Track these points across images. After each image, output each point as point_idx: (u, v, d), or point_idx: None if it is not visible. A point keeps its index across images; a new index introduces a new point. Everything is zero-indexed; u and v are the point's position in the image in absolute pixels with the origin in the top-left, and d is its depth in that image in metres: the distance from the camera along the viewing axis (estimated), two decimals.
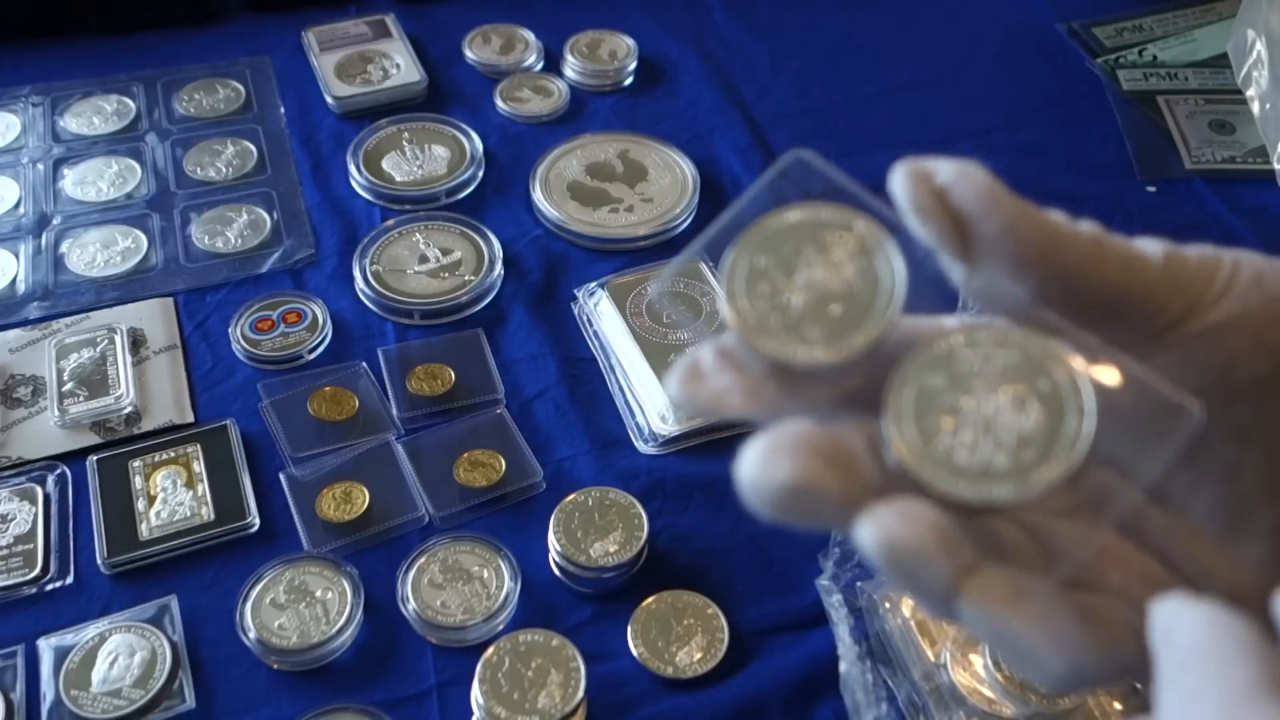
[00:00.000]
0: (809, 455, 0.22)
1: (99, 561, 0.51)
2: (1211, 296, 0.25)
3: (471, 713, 0.45)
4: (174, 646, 0.48)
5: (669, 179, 0.72)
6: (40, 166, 0.71)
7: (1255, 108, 0.79)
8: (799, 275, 0.25)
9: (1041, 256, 0.25)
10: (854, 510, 0.22)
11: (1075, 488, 0.23)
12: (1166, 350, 0.25)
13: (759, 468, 0.23)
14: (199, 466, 0.54)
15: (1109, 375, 0.24)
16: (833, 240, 0.26)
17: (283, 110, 0.77)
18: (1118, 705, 0.46)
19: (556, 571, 0.51)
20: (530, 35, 0.84)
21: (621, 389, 0.60)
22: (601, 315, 0.63)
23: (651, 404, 0.58)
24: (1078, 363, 0.23)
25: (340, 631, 0.48)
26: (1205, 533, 0.26)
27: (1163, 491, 0.26)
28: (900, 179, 0.26)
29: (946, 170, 0.26)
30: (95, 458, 0.54)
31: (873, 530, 0.22)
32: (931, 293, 0.26)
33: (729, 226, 0.26)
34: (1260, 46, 0.79)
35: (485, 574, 0.50)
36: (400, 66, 0.80)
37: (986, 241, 0.25)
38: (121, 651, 0.47)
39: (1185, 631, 0.21)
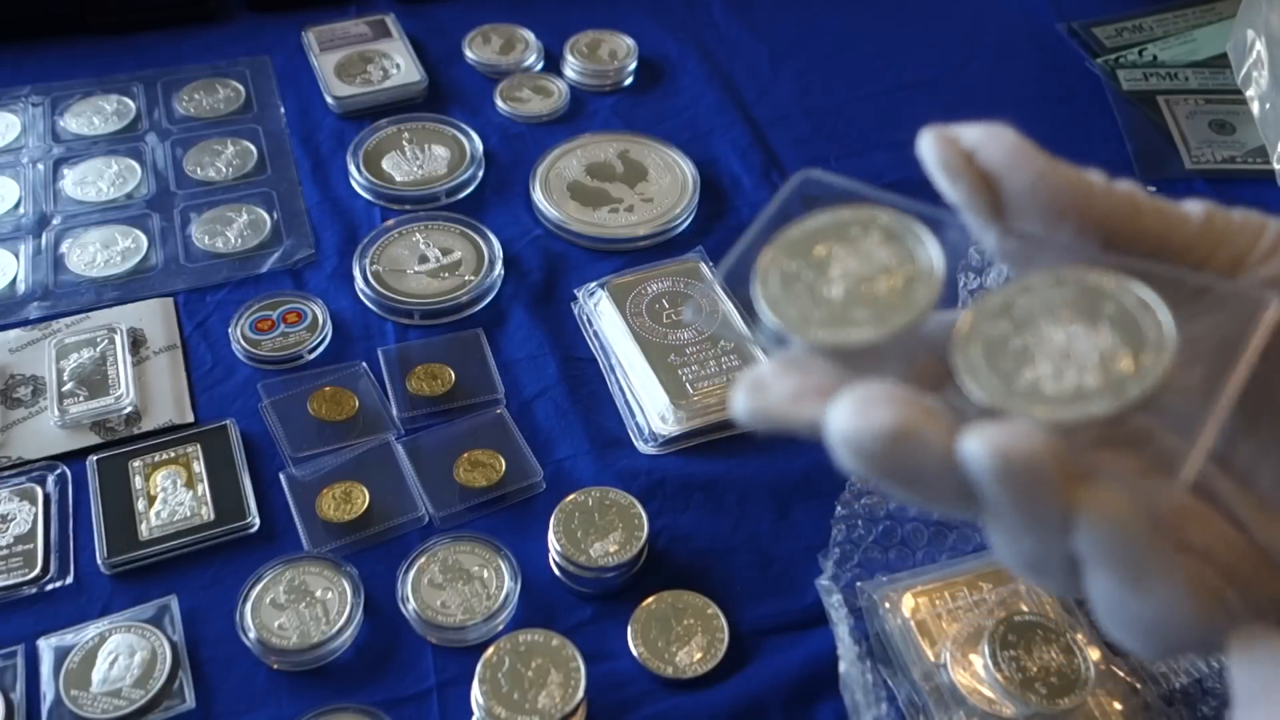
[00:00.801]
0: (905, 403, 0.22)
1: (99, 561, 0.51)
2: (1258, 255, 0.25)
3: (471, 713, 0.45)
4: (174, 646, 0.48)
5: (669, 179, 0.72)
6: (40, 166, 0.71)
7: (1255, 108, 0.79)
8: (833, 269, 0.26)
9: (1076, 206, 0.25)
10: (953, 453, 0.22)
11: (1160, 405, 0.23)
12: (1213, 310, 0.25)
13: (856, 417, 0.22)
14: (199, 466, 0.54)
15: (1174, 288, 0.24)
16: (858, 234, 0.26)
17: (283, 110, 0.77)
18: (1118, 705, 0.46)
19: (556, 571, 0.51)
20: (530, 35, 0.84)
21: (621, 389, 0.60)
22: (601, 315, 0.63)
23: (651, 404, 0.58)
24: (1137, 285, 0.23)
25: (340, 631, 0.48)
26: (1270, 503, 0.26)
27: (1226, 460, 0.26)
28: (928, 141, 0.26)
29: (973, 132, 0.26)
30: (95, 458, 0.54)
31: (982, 445, 0.21)
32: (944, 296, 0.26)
33: (749, 249, 0.27)
34: (1260, 46, 0.79)
35: (485, 574, 0.50)
36: (400, 66, 0.80)
37: (1018, 196, 0.25)
38: (121, 651, 0.47)
39: (1264, 662, 0.22)
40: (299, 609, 0.49)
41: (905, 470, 0.22)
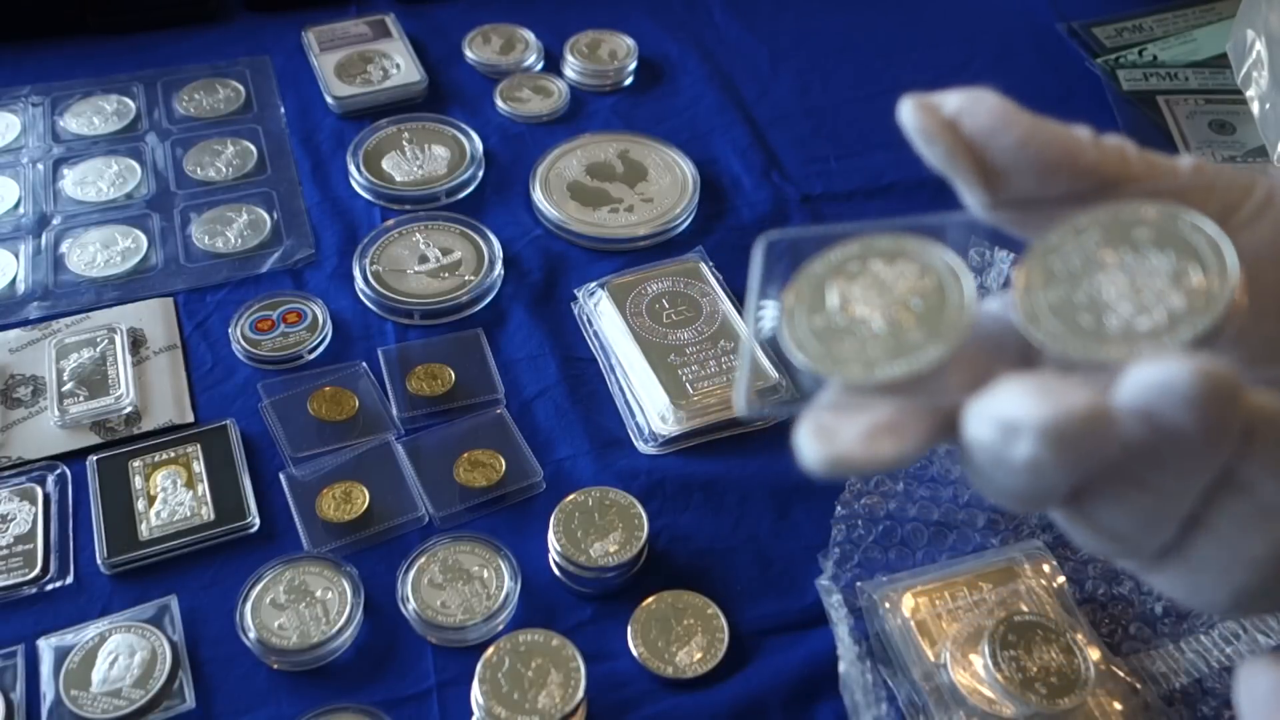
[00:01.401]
0: (1072, 383, 0.21)
1: (99, 561, 0.51)
2: (1248, 212, 0.25)
3: (471, 713, 0.45)
4: (174, 646, 0.48)
5: (669, 179, 0.72)
6: (40, 166, 0.71)
7: (1255, 108, 0.79)
8: (858, 308, 0.25)
9: (1066, 159, 0.25)
10: (1131, 412, 0.21)
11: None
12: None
13: (1047, 403, 0.21)
14: (199, 466, 0.54)
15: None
16: (858, 268, 0.26)
17: (283, 110, 0.77)
18: (1118, 705, 0.46)
19: (556, 571, 0.51)
20: (530, 35, 0.84)
21: (621, 389, 0.60)
22: (601, 315, 0.63)
23: (651, 404, 0.58)
24: (1151, 203, 0.24)
25: (340, 631, 0.48)
26: None
27: None
28: (907, 110, 0.26)
29: (954, 99, 0.26)
30: (95, 458, 0.54)
31: (1184, 368, 0.20)
32: None
33: (750, 356, 0.27)
34: (1260, 46, 0.79)
35: (485, 574, 0.50)
36: (400, 66, 0.80)
37: (1007, 156, 0.25)
38: (121, 651, 0.47)
39: (1259, 690, 0.23)
40: (299, 609, 0.49)
41: (1096, 448, 0.22)
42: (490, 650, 0.46)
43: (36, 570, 0.50)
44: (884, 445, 0.23)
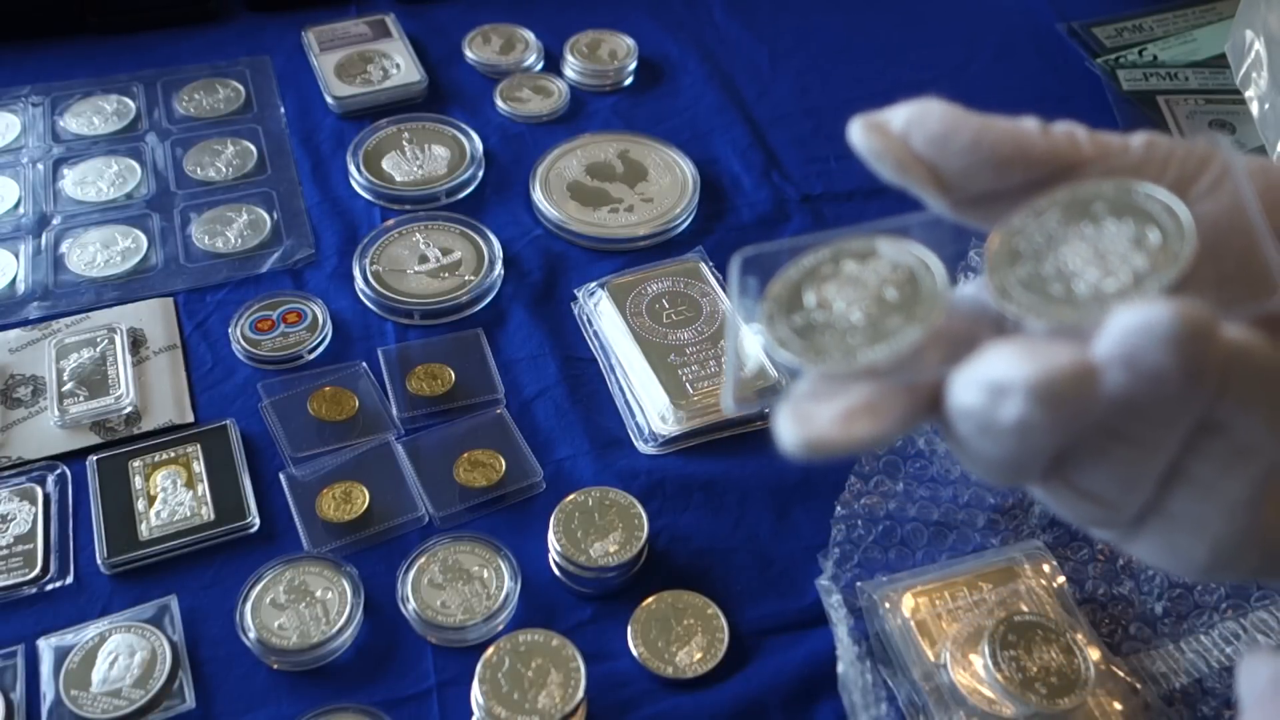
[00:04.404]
0: (1056, 343, 0.22)
1: (99, 561, 0.51)
2: (1203, 186, 0.26)
3: (471, 713, 0.45)
4: (174, 646, 0.48)
5: (669, 179, 0.72)
6: (40, 166, 0.71)
7: (1254, 108, 0.79)
8: (836, 304, 0.26)
9: (1017, 153, 0.26)
10: (1113, 358, 0.22)
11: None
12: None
13: (1033, 363, 0.22)
14: (199, 466, 0.54)
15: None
16: (830, 271, 0.27)
17: (283, 110, 0.77)
18: (1118, 705, 0.46)
19: (556, 571, 0.51)
20: (530, 35, 0.84)
21: (621, 389, 0.60)
22: (601, 315, 0.63)
23: (651, 404, 0.58)
24: (1101, 179, 0.25)
25: (340, 631, 0.48)
26: None
27: None
28: (856, 132, 0.27)
29: (900, 115, 0.27)
30: (95, 458, 0.54)
31: (1165, 310, 0.21)
32: None
33: (735, 356, 0.29)
34: (1259, 47, 0.79)
35: (485, 574, 0.50)
36: (400, 66, 0.80)
37: (961, 157, 0.26)
38: (121, 651, 0.47)
39: (1259, 682, 0.24)
40: (299, 609, 0.49)
41: (1084, 405, 0.22)
42: (490, 650, 0.46)
43: (36, 570, 0.50)
44: (861, 426, 0.24)
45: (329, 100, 0.77)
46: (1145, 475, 0.24)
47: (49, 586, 0.50)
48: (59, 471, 0.54)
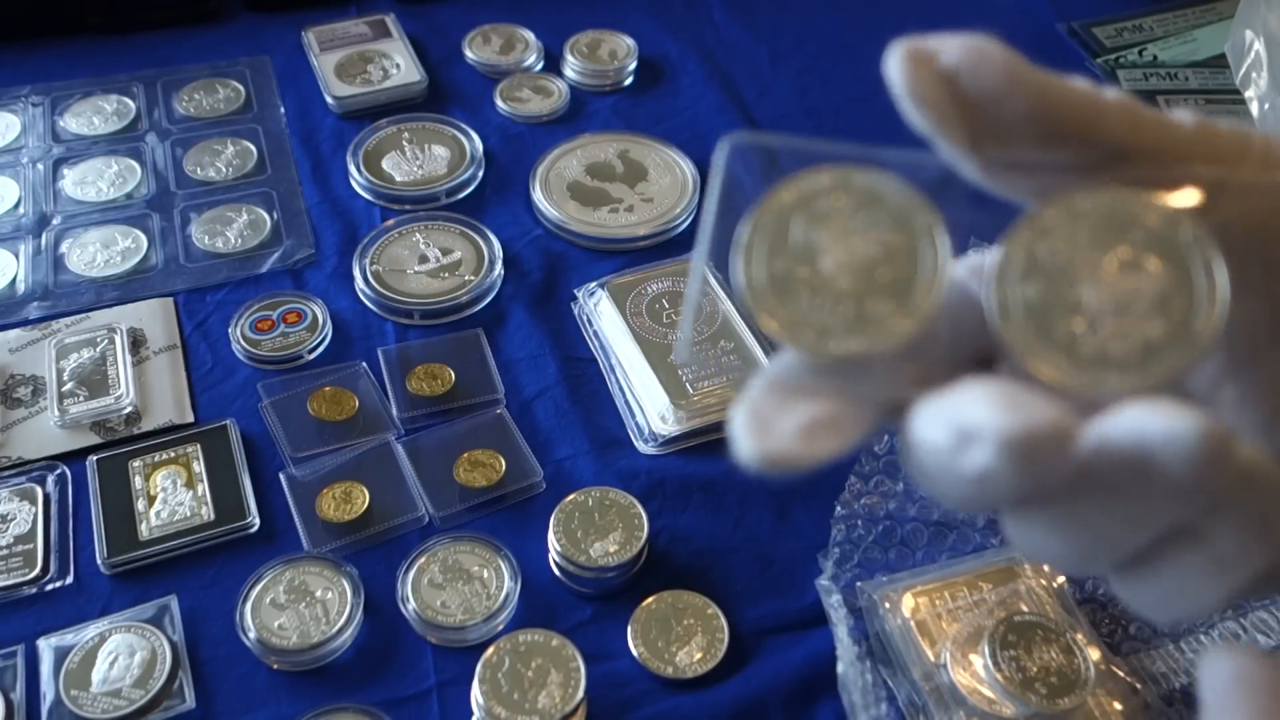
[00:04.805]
0: (1029, 406, 0.20)
1: (99, 561, 0.51)
2: (1249, 167, 0.24)
3: (471, 713, 0.45)
4: (174, 646, 0.48)
5: (669, 179, 0.72)
6: (40, 166, 0.71)
7: (1254, 108, 0.79)
8: (823, 260, 0.22)
9: (1079, 129, 0.23)
10: (1108, 438, 0.20)
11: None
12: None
13: (1012, 414, 0.20)
14: (199, 466, 0.54)
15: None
16: (829, 207, 0.23)
17: (283, 110, 0.77)
18: (1118, 705, 0.46)
19: (556, 571, 0.51)
20: (530, 35, 0.84)
21: (621, 389, 0.60)
22: (601, 315, 0.63)
23: (651, 404, 0.58)
24: (1154, 197, 0.21)
25: (340, 631, 0.48)
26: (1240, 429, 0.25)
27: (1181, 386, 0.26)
28: (897, 61, 0.23)
29: (953, 50, 0.23)
30: (95, 458, 0.54)
31: (1187, 422, 0.19)
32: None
33: (714, 246, 0.24)
34: (1259, 47, 0.79)
35: (485, 574, 0.50)
36: (400, 66, 0.80)
37: (1010, 122, 0.23)
38: (121, 651, 0.47)
39: (1220, 680, 0.23)
40: (299, 609, 0.49)
41: (1054, 468, 0.20)
42: (490, 650, 0.46)
43: (36, 570, 0.50)
44: (824, 444, 0.22)
45: (329, 100, 0.77)
46: (1100, 559, 0.23)
47: (49, 586, 0.50)
48: (59, 471, 0.54)
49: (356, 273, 0.65)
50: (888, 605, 0.49)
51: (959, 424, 0.20)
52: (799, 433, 0.22)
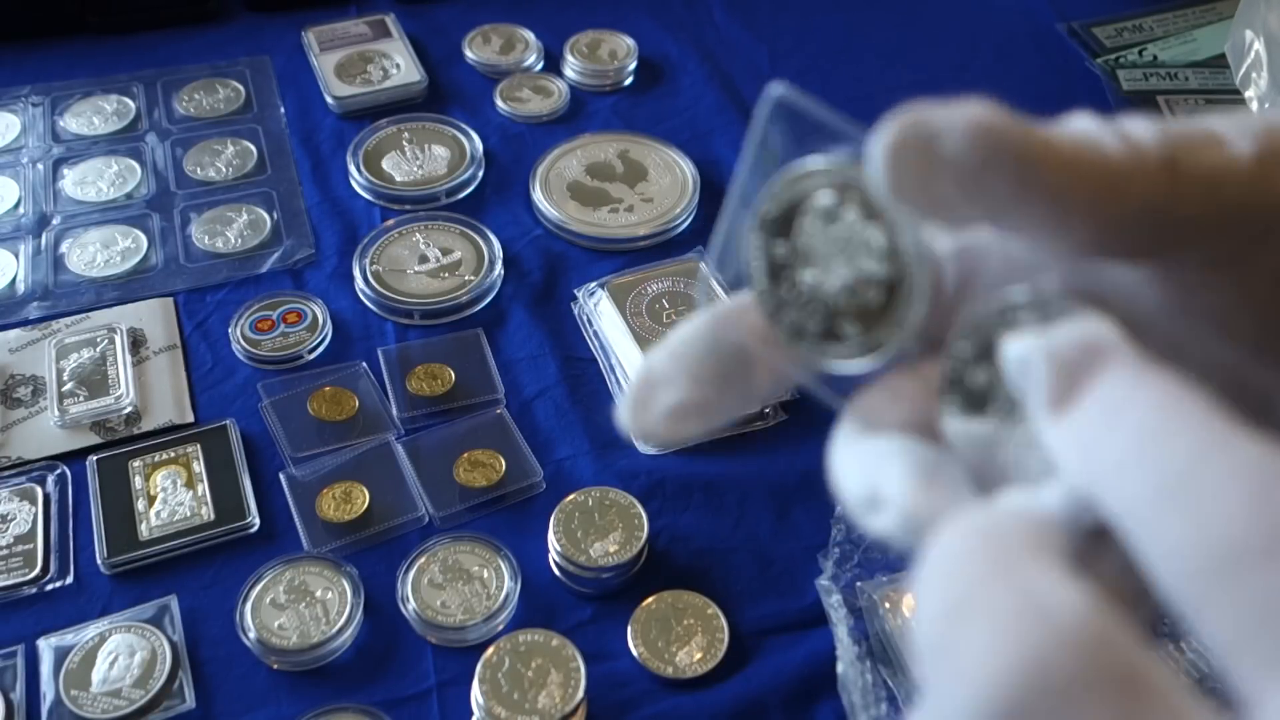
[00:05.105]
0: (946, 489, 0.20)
1: (99, 561, 0.51)
2: None
3: (471, 713, 0.45)
4: (174, 646, 0.48)
5: (669, 179, 0.72)
6: (40, 166, 0.71)
7: (1254, 108, 0.79)
8: (813, 265, 0.22)
9: (1100, 205, 0.19)
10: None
11: None
12: (1270, 253, 0.20)
13: (920, 503, 0.20)
14: (199, 466, 0.54)
15: None
16: (828, 203, 0.22)
17: (283, 110, 0.77)
18: None
19: (556, 571, 0.51)
20: (530, 35, 0.84)
21: (622, 389, 0.60)
22: (601, 315, 0.63)
23: None
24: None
25: (340, 631, 0.48)
26: None
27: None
28: (885, 153, 0.20)
29: (954, 140, 0.20)
30: (95, 458, 0.54)
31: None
32: None
33: (743, 193, 0.24)
34: (1259, 47, 0.79)
35: (485, 574, 0.50)
36: (400, 66, 0.80)
37: (1021, 215, 0.20)
38: (121, 651, 0.47)
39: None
40: (299, 609, 0.49)
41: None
42: (490, 650, 0.46)
43: (36, 570, 0.50)
44: (688, 426, 0.23)
45: (329, 100, 0.77)
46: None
47: (49, 586, 0.50)
48: (59, 471, 0.54)
49: (356, 273, 0.65)
50: (888, 605, 0.49)
51: (872, 486, 0.21)
52: (670, 415, 0.23)
